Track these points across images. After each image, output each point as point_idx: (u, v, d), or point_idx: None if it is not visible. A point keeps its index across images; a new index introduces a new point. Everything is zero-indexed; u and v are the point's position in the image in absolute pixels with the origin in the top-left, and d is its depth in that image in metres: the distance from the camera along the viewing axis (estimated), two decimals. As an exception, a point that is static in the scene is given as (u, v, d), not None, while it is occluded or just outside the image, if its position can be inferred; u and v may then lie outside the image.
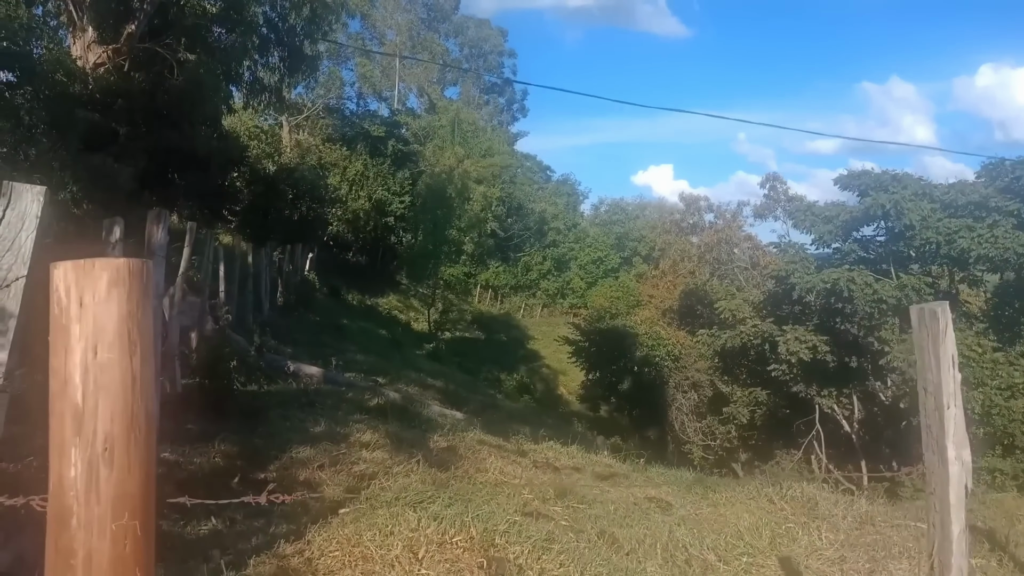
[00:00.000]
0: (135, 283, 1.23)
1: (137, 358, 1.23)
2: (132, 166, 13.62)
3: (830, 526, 4.67)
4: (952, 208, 18.55)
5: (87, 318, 1.21)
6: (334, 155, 35.03)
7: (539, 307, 54.64)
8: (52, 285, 1.24)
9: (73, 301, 1.23)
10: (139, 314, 1.23)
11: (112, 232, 4.83)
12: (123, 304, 1.22)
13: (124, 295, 1.22)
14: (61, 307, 1.24)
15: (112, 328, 1.20)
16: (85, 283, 1.23)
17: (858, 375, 19.36)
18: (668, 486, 5.66)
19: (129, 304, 1.23)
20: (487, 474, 5.06)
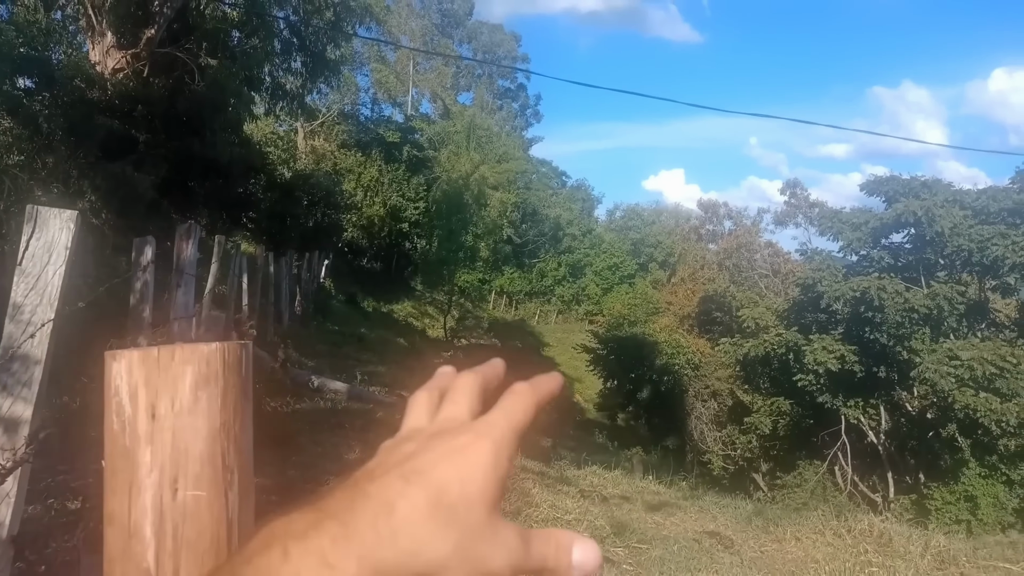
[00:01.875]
0: (232, 380, 0.79)
1: (234, 493, 0.80)
2: (152, 174, 13.40)
3: (910, 567, 4.31)
4: (983, 215, 18.17)
5: (162, 437, 0.79)
6: (349, 161, 34.92)
7: (554, 313, 54.32)
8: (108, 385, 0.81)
9: (142, 411, 0.80)
10: (237, 427, 0.81)
11: (143, 253, 4.52)
12: (215, 414, 0.80)
13: (217, 400, 0.79)
14: (123, 420, 0.80)
15: (200, 451, 0.77)
16: (160, 384, 0.80)
17: (885, 385, 18.98)
18: (724, 518, 5.32)
19: (224, 413, 0.81)
20: (538, 509, 4.73)
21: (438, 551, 0.44)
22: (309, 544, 0.42)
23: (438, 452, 0.48)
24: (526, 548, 0.47)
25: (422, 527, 0.44)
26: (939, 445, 18.02)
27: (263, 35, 18.12)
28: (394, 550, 0.43)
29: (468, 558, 0.44)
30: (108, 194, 12.03)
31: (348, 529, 0.43)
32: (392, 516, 0.44)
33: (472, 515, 0.45)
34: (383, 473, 0.47)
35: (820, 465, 19.93)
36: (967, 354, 15.74)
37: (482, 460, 0.47)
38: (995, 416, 15.06)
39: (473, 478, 0.46)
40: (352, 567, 0.42)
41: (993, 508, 15.98)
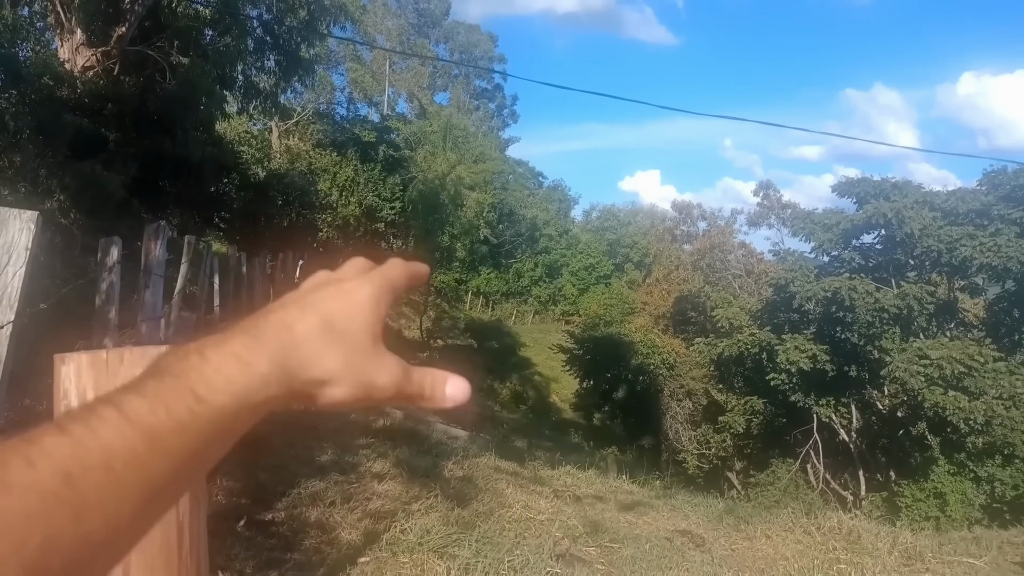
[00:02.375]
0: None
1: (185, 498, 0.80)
2: (122, 173, 13.19)
3: (877, 563, 4.37)
4: (953, 216, 18.47)
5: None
6: (324, 160, 34.65)
7: (531, 314, 54.36)
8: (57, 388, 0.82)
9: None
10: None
11: (109, 254, 4.45)
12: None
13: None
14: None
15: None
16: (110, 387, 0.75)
17: (856, 384, 19.25)
18: (697, 517, 5.36)
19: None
20: (511, 510, 4.73)
21: (330, 363, 0.52)
22: (224, 348, 0.49)
23: (327, 291, 0.56)
24: (406, 375, 0.56)
25: (316, 343, 0.52)
26: (909, 443, 18.29)
27: (236, 33, 17.91)
28: (295, 357, 0.50)
29: (356, 372, 0.53)
30: (77, 194, 11.83)
31: (256, 339, 0.50)
32: (292, 333, 0.51)
33: (357, 340, 0.54)
34: (281, 306, 0.54)
35: (793, 463, 20.16)
36: (936, 353, 15.99)
37: (364, 298, 0.56)
38: (963, 414, 15.31)
39: (357, 311, 0.55)
40: (264, 363, 0.49)
41: (961, 505, 16.24)
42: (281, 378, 0.50)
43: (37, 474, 0.38)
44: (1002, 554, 4.69)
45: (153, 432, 0.43)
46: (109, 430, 0.41)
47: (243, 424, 0.49)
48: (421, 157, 36.60)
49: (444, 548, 3.69)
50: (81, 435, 0.41)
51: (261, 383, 0.48)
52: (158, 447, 0.43)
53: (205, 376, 0.46)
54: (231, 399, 0.47)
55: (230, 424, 0.47)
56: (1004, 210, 17.56)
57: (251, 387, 0.48)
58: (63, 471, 0.39)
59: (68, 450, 0.40)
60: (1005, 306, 18.78)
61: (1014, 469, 16.76)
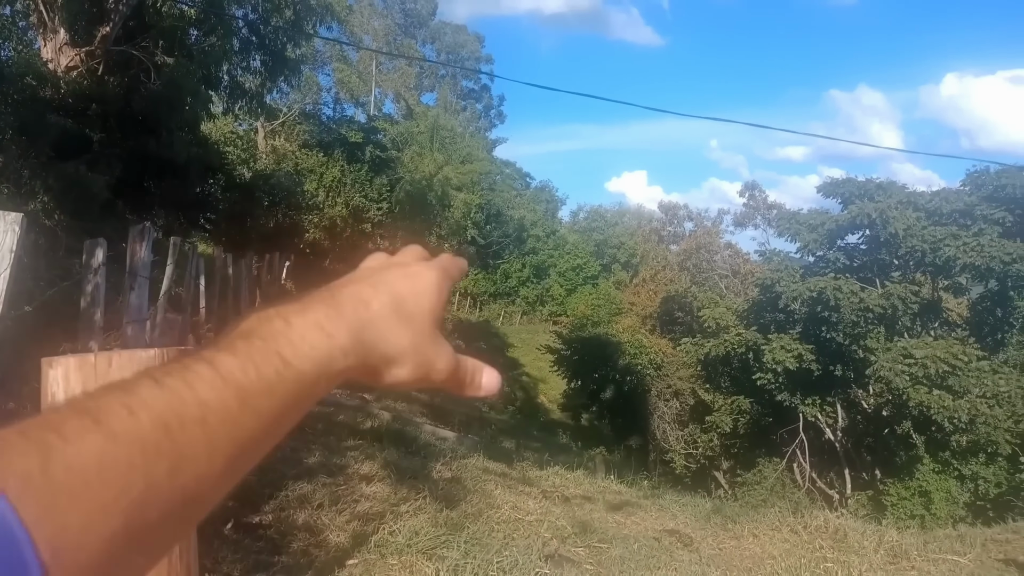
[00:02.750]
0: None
1: None
2: (107, 174, 13.07)
3: (864, 561, 4.40)
4: (936, 216, 18.63)
5: None
6: (310, 161, 34.45)
7: (518, 314, 54.36)
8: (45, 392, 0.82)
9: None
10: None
11: (95, 256, 4.41)
12: None
13: None
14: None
15: None
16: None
17: (841, 383, 19.38)
18: (684, 516, 5.38)
19: None
20: (499, 511, 4.73)
21: (401, 342, 0.54)
22: (307, 316, 0.50)
23: (396, 272, 0.59)
24: (457, 362, 0.59)
25: (389, 321, 0.54)
26: (894, 442, 18.43)
27: (221, 33, 17.80)
28: (371, 333, 0.53)
29: (420, 353, 0.55)
30: (61, 195, 11.72)
31: (337, 311, 0.52)
32: (368, 309, 0.53)
33: (422, 323, 0.56)
34: (352, 282, 0.57)
35: (779, 462, 20.26)
36: (921, 352, 16.11)
37: (430, 283, 0.59)
38: (948, 413, 15.44)
39: (424, 296, 0.57)
40: (344, 335, 0.51)
41: (945, 503, 16.38)
42: (358, 351, 0.51)
43: (139, 424, 0.38)
44: (986, 551, 4.74)
45: (245, 391, 0.44)
46: (204, 386, 0.42)
47: (321, 391, 0.50)
48: (408, 158, 36.57)
49: (433, 550, 3.68)
50: (178, 389, 0.41)
51: (340, 354, 0.50)
52: (249, 406, 0.44)
53: (291, 341, 0.48)
54: (313, 366, 0.48)
55: (310, 390, 0.48)
56: (987, 210, 17.74)
57: (332, 357, 0.49)
58: (163, 423, 0.39)
59: (166, 403, 0.40)
60: (988, 305, 18.95)
61: (997, 467, 16.93)
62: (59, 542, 0.33)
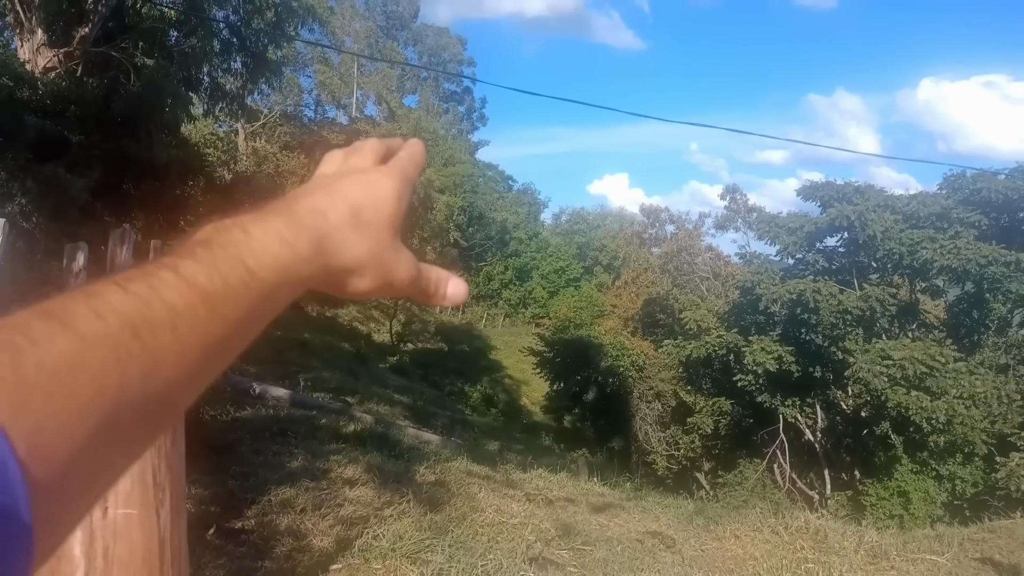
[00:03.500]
0: None
1: (166, 511, 0.76)
2: (85, 176, 12.93)
3: (844, 562, 4.46)
4: (914, 219, 18.83)
5: None
6: (292, 163, 34.28)
7: (501, 317, 54.37)
8: None
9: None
10: (167, 443, 0.79)
11: (75, 260, 4.36)
12: None
13: None
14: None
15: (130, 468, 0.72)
16: None
17: (821, 385, 19.52)
18: (667, 518, 5.41)
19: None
20: (483, 514, 4.74)
21: (359, 251, 0.54)
22: (266, 226, 0.50)
23: (353, 181, 0.58)
24: (419, 270, 0.59)
25: (348, 231, 0.54)
26: (873, 442, 18.59)
27: (202, 35, 17.67)
28: (330, 243, 0.52)
29: (380, 263, 0.55)
30: (39, 197, 11.59)
31: (296, 221, 0.52)
32: (325, 220, 0.53)
33: (382, 232, 0.56)
34: (309, 193, 0.56)
35: (760, 463, 20.36)
36: (899, 354, 16.27)
37: (388, 191, 0.58)
38: (925, 414, 15.60)
39: (382, 204, 0.57)
40: (304, 245, 0.51)
41: (924, 502, 16.56)
42: (319, 261, 0.52)
43: (107, 327, 0.38)
44: (963, 551, 4.81)
45: (211, 297, 0.44)
46: (171, 291, 0.42)
47: (284, 300, 0.50)
48: (390, 160, 36.37)
49: (417, 554, 3.68)
50: (144, 294, 0.41)
51: (302, 263, 0.50)
52: (216, 313, 0.44)
53: (253, 249, 0.48)
54: (276, 275, 0.48)
55: (275, 298, 0.49)
56: (963, 214, 17.97)
57: (294, 266, 0.49)
58: (131, 326, 0.39)
59: (133, 307, 0.40)
60: (965, 307, 19.18)
61: (974, 467, 17.14)
62: (35, 440, 0.32)
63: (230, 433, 6.33)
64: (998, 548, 4.75)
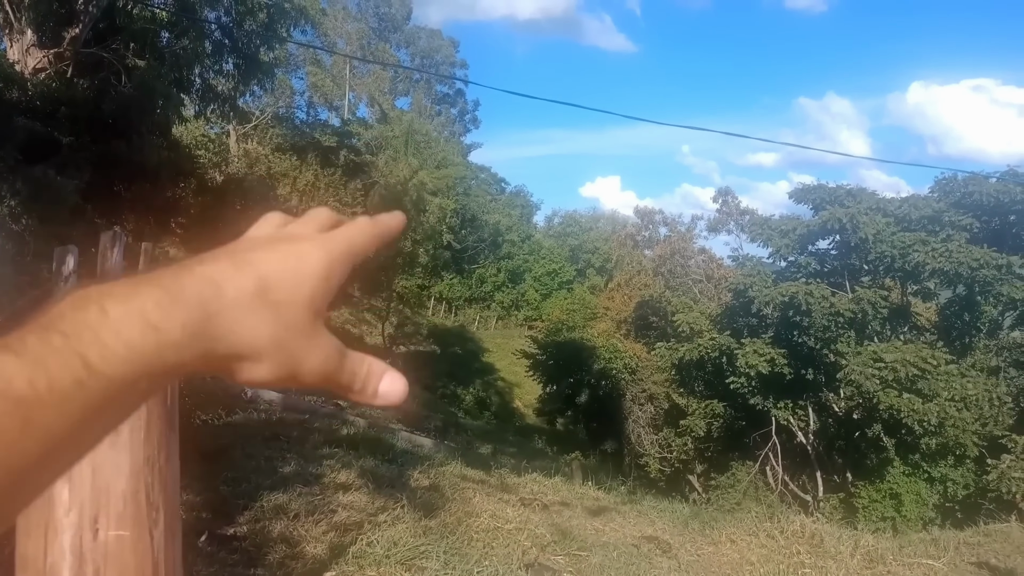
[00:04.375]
0: (156, 410, 0.74)
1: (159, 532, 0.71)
2: (76, 178, 12.83)
3: (840, 566, 4.44)
4: (905, 222, 18.89)
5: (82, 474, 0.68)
6: (284, 165, 34.19)
7: (494, 319, 54.36)
8: None
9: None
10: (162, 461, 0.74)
11: (65, 263, 4.31)
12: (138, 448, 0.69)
13: (140, 432, 0.70)
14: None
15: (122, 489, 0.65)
16: None
17: (813, 387, 19.56)
18: (663, 522, 5.38)
19: (148, 447, 0.71)
20: (478, 519, 4.70)
21: (256, 336, 0.45)
22: (131, 305, 0.41)
23: (273, 251, 0.50)
24: (341, 361, 0.49)
25: (245, 311, 0.45)
26: (865, 445, 18.63)
27: (193, 36, 17.61)
28: (216, 326, 0.44)
29: (283, 351, 0.46)
30: (29, 199, 11.49)
31: (173, 297, 0.43)
32: (218, 295, 0.44)
33: (295, 314, 0.47)
34: (213, 258, 0.48)
35: (752, 465, 20.38)
36: (890, 356, 16.31)
37: (314, 266, 0.49)
38: (917, 416, 15.63)
39: (303, 279, 0.48)
40: (176, 332, 0.42)
41: (916, 505, 16.60)
42: (194, 347, 0.43)
43: None
44: (959, 555, 4.81)
45: (27, 406, 0.36)
46: None
47: (142, 395, 0.42)
48: (383, 162, 36.44)
49: (412, 560, 3.64)
50: None
51: (170, 351, 0.42)
52: (35, 425, 0.36)
53: (101, 339, 0.39)
54: (129, 369, 0.40)
55: (125, 397, 0.41)
56: (955, 217, 18.03)
57: (156, 355, 0.41)
58: None
59: None
60: (956, 310, 19.24)
61: (965, 469, 17.19)
62: None
63: (222, 438, 6.28)
64: (994, 552, 4.75)
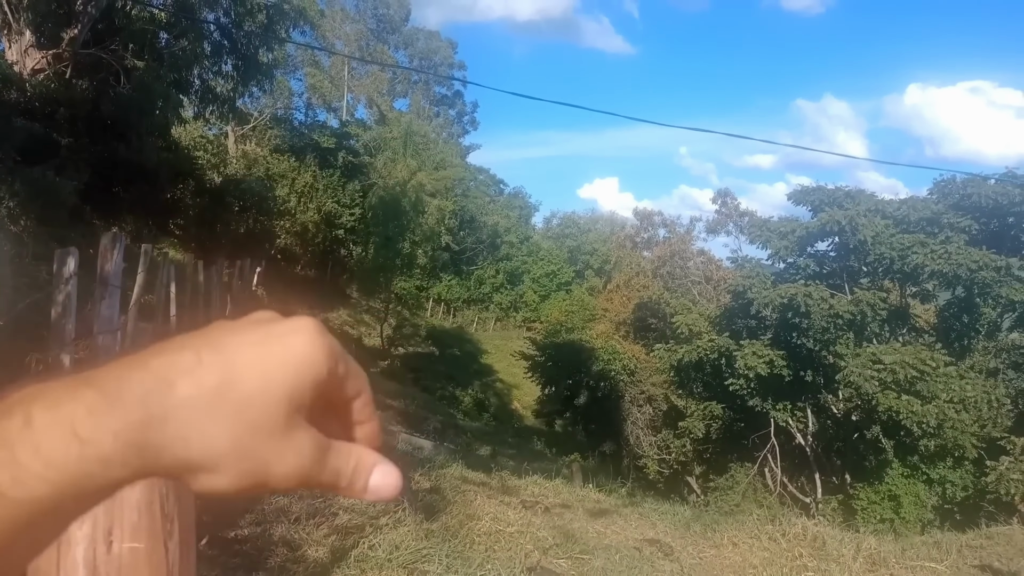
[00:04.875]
0: None
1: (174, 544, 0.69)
2: (74, 179, 12.80)
3: (843, 569, 4.43)
4: (904, 224, 18.89)
5: None
6: (282, 166, 34.17)
7: (492, 320, 54.35)
8: None
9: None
10: None
11: (66, 265, 4.30)
12: None
13: None
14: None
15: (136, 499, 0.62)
16: None
17: (812, 389, 19.56)
18: (664, 525, 5.37)
19: None
20: (480, 522, 4.69)
21: (212, 445, 0.38)
22: (59, 412, 0.36)
23: (249, 335, 0.42)
24: (321, 460, 0.42)
25: (200, 413, 0.38)
26: (864, 446, 18.63)
27: (192, 37, 17.59)
28: (161, 433, 0.37)
29: (247, 459, 0.39)
30: (28, 200, 11.46)
31: (110, 401, 0.37)
32: (169, 395, 0.38)
33: (265, 412, 0.39)
34: (176, 348, 0.40)
35: (751, 467, 20.37)
36: (889, 358, 16.30)
37: (298, 352, 0.41)
38: (916, 418, 15.62)
39: (280, 369, 0.40)
40: (107, 443, 0.36)
41: (914, 506, 16.59)
42: (130, 461, 0.37)
43: None
44: (961, 558, 4.80)
45: None
46: None
47: (67, 518, 0.37)
48: (381, 163, 36.40)
49: (414, 564, 3.63)
50: None
51: (99, 467, 0.36)
52: None
53: (17, 458, 0.34)
54: (47, 490, 0.35)
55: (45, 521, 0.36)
56: (953, 218, 18.04)
57: (82, 472, 0.36)
58: None
59: None
60: (955, 312, 19.25)
61: (964, 471, 17.19)
62: None
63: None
64: (996, 555, 4.74)
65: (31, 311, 5.75)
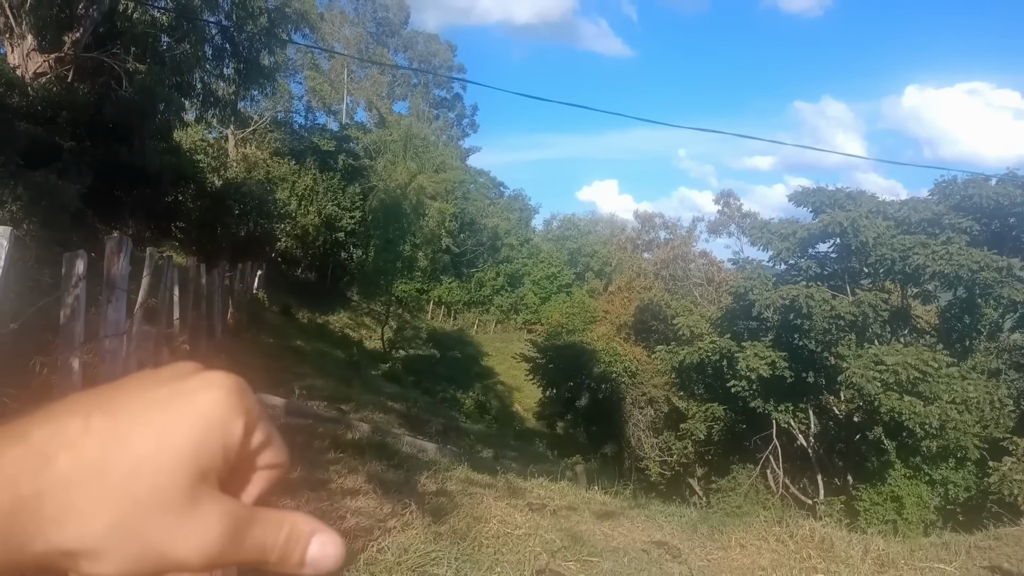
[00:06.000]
0: None
1: None
2: (77, 183, 12.80)
3: (852, 571, 4.42)
4: (905, 225, 18.88)
5: None
6: (282, 169, 34.23)
7: (493, 323, 54.35)
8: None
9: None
10: None
11: (75, 268, 4.30)
12: None
13: None
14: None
15: None
16: None
17: (814, 390, 19.54)
18: (671, 527, 5.37)
19: None
20: (488, 525, 4.68)
21: (90, 526, 0.33)
22: None
23: (152, 393, 0.37)
24: (237, 535, 0.36)
25: (78, 490, 0.33)
26: (866, 447, 18.62)
27: (194, 40, 17.64)
28: (32, 517, 0.32)
29: (135, 541, 0.34)
30: (30, 204, 11.46)
31: None
32: (44, 472, 0.33)
33: (157, 484, 0.34)
34: (66, 414, 0.35)
35: (753, 469, 20.36)
36: (891, 359, 16.28)
37: (204, 411, 0.36)
38: (918, 419, 15.60)
39: (180, 433, 0.35)
40: None
41: (917, 507, 16.57)
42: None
43: None
44: (970, 559, 4.80)
45: None
46: None
47: None
48: (381, 166, 36.45)
49: (423, 567, 3.62)
50: None
51: None
52: None
53: None
54: None
55: None
56: (955, 219, 18.03)
57: None
58: None
59: None
60: (956, 312, 19.23)
61: (966, 472, 17.17)
62: None
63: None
64: (1006, 556, 4.74)
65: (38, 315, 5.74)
